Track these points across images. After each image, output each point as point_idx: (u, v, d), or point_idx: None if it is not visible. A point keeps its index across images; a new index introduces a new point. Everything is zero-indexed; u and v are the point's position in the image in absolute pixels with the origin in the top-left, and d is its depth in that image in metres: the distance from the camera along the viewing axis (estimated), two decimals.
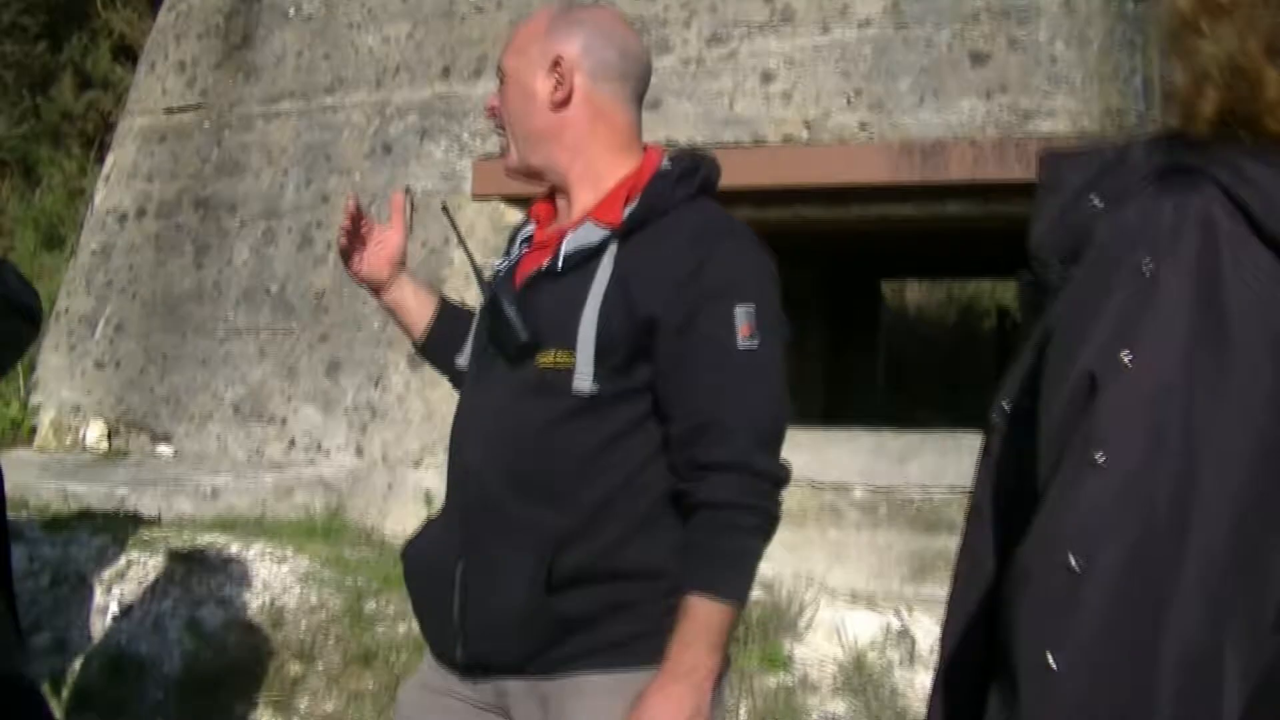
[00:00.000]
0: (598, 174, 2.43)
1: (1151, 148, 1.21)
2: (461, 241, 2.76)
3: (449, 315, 2.74)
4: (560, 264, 2.38)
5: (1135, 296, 1.13)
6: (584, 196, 2.44)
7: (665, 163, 2.44)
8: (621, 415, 2.31)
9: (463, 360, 2.58)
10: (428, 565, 2.46)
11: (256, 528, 5.54)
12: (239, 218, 7.86)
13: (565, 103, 2.42)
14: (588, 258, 2.35)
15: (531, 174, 2.50)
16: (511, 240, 2.63)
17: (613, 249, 2.34)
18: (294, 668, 4.39)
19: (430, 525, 2.56)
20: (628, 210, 2.36)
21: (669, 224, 2.34)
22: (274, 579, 4.75)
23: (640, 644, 2.29)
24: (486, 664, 2.38)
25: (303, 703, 4.27)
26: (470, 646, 2.37)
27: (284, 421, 7.37)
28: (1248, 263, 1.10)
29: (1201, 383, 1.09)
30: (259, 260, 7.71)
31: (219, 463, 7.29)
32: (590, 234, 2.37)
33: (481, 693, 2.42)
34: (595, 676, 2.30)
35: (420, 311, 2.73)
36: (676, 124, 6.74)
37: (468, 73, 7.33)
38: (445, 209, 2.91)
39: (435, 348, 2.73)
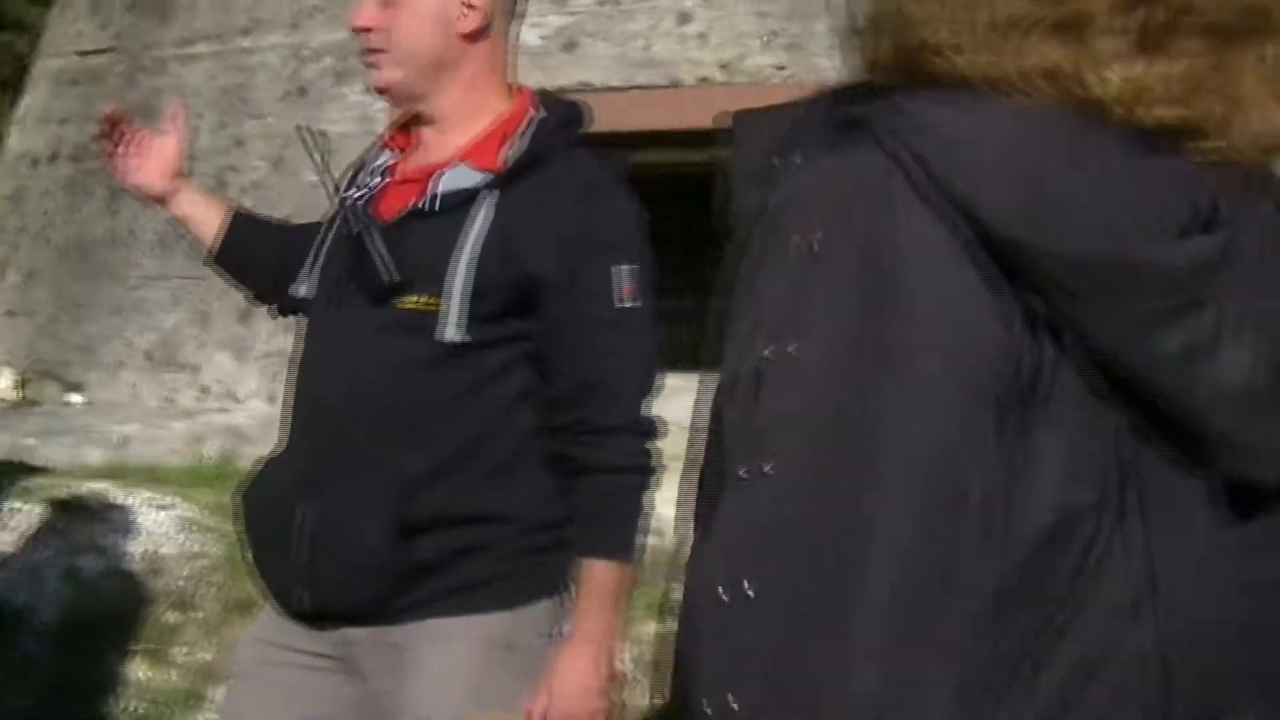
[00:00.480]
0: (477, 112, 2.34)
1: (833, 99, 1.07)
2: (321, 168, 2.56)
3: (244, 227, 2.65)
4: (436, 204, 2.28)
5: (800, 275, 1.00)
6: (457, 133, 2.34)
7: (540, 107, 2.36)
8: (486, 362, 2.25)
9: (305, 290, 2.47)
10: (269, 509, 2.37)
11: (146, 475, 5.46)
12: None
13: (474, 35, 2.33)
14: (462, 201, 2.26)
15: (406, 98, 2.39)
16: (360, 168, 2.51)
17: (492, 195, 2.25)
18: (171, 616, 4.34)
19: (270, 466, 2.46)
20: (507, 155, 2.28)
21: (553, 175, 2.27)
22: (156, 527, 4.70)
23: (492, 587, 2.24)
24: (333, 613, 2.30)
25: (179, 652, 4.22)
26: (317, 594, 2.29)
27: (197, 369, 7.28)
28: (921, 226, 0.98)
29: (876, 371, 0.97)
30: None
31: (130, 411, 7.20)
32: (465, 176, 2.28)
33: (323, 644, 2.34)
34: (447, 620, 2.24)
35: (211, 222, 2.63)
36: (592, 65, 6.66)
37: None
38: (301, 131, 2.76)
39: (229, 260, 2.63)
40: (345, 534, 2.25)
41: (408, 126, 2.46)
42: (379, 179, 2.43)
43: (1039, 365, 1.00)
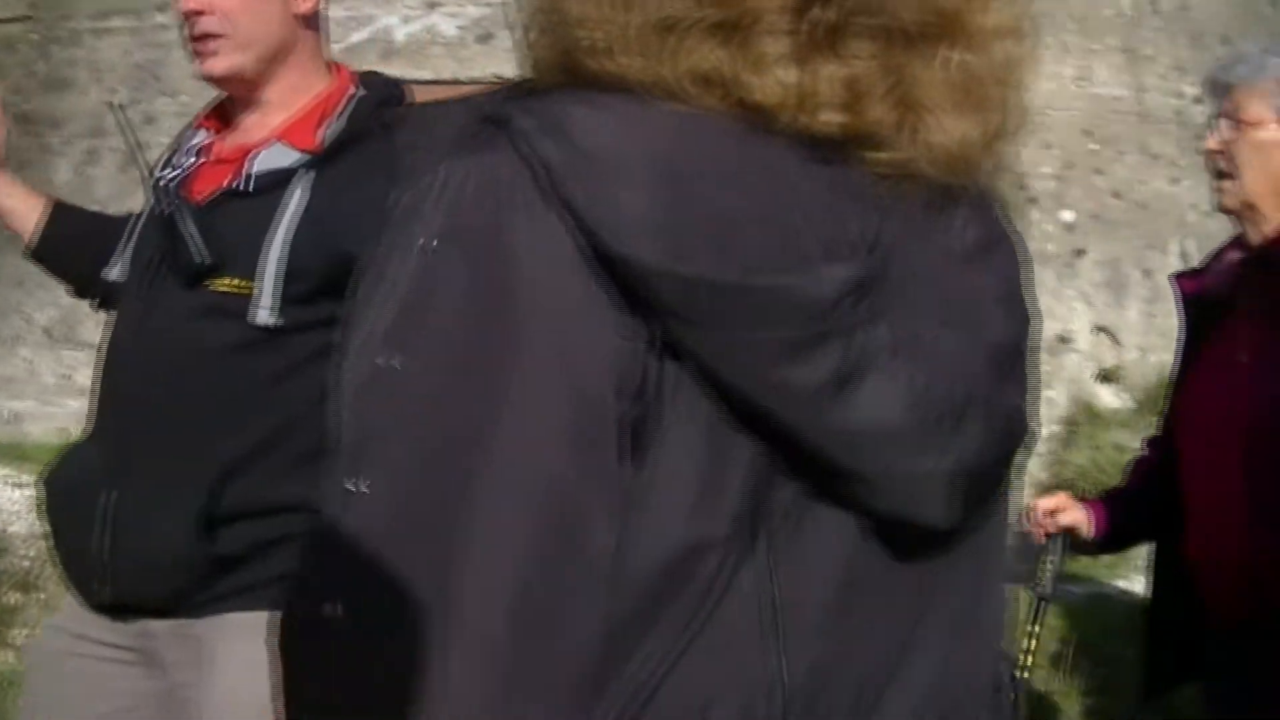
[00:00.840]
0: (297, 93, 2.29)
1: (493, 97, 1.01)
2: (133, 146, 2.52)
3: (64, 218, 2.59)
4: (250, 185, 2.22)
5: (417, 281, 0.95)
6: (276, 113, 2.30)
7: (359, 86, 2.32)
8: (298, 347, 2.20)
9: (116, 274, 2.41)
10: (72, 496, 2.30)
11: (12, 453, 5.35)
12: (62, 135, 7.62)
13: (307, 17, 2.28)
14: (278, 181, 2.21)
15: (244, 86, 2.33)
16: (175, 149, 2.45)
17: (308, 176, 2.21)
18: (13, 597, 4.27)
19: (75, 452, 2.39)
20: (325, 135, 2.23)
21: (372, 155, 2.22)
22: (9, 505, 4.61)
23: None
24: (134, 605, 2.24)
25: (18, 634, 4.13)
26: (118, 586, 2.24)
27: (96, 347, 7.15)
28: (542, 234, 0.91)
29: (483, 392, 0.91)
30: (81, 180, 7.47)
31: (25, 387, 7.07)
32: (282, 156, 2.24)
33: (123, 635, 2.28)
34: (251, 615, 2.18)
35: (29, 214, 2.56)
36: (507, 58, 6.58)
37: None
38: (112, 107, 2.71)
39: (50, 252, 2.58)
40: (148, 525, 2.19)
41: (223, 106, 2.40)
42: (193, 159, 2.37)
43: (661, 388, 0.93)
